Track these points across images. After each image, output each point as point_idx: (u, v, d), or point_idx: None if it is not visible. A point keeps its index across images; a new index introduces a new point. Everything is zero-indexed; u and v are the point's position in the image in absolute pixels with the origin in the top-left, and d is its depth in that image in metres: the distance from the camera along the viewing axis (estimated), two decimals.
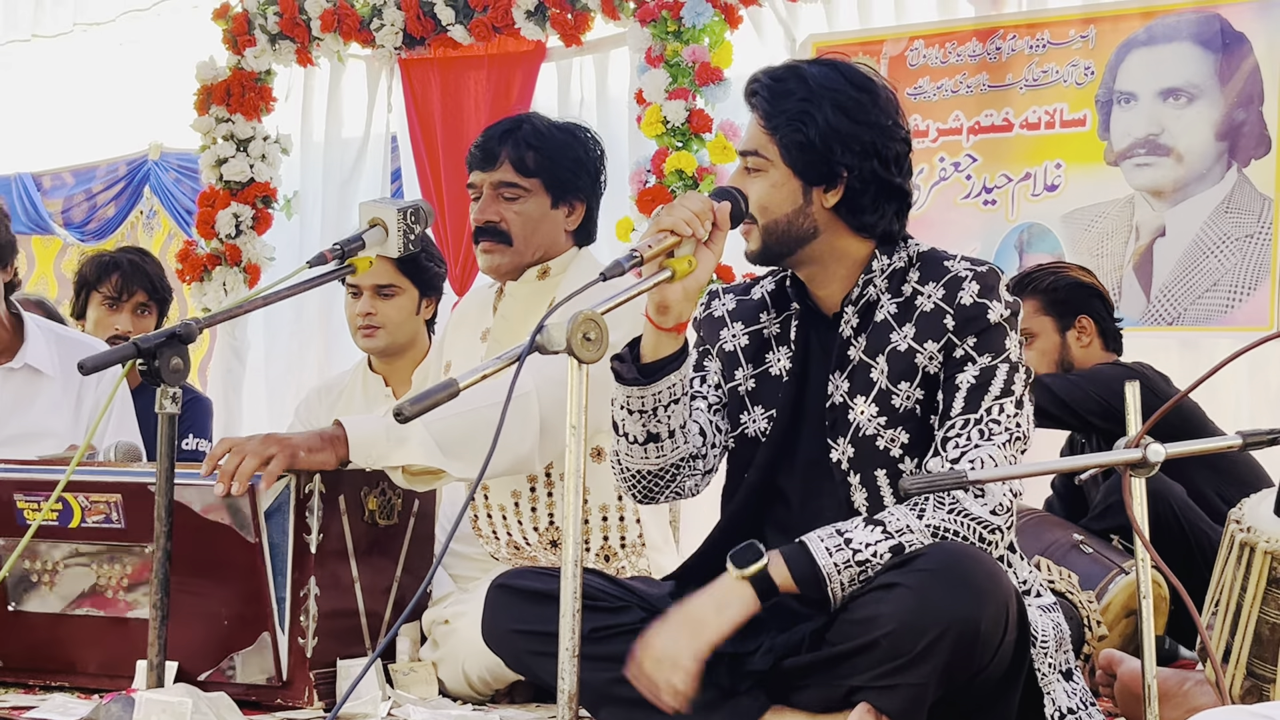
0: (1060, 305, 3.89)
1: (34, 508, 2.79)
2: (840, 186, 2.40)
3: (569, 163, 3.15)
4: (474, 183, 3.16)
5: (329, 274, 2.72)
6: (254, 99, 6.57)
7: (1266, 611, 2.39)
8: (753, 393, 2.49)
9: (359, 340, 3.76)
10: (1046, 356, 3.87)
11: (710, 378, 2.54)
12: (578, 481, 2.01)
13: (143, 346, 2.38)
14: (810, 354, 2.46)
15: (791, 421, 2.45)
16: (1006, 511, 2.29)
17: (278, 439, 2.69)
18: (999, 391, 2.33)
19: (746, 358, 2.51)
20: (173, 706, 2.37)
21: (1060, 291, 3.90)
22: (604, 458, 3.06)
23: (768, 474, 2.46)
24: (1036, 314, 3.88)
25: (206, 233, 6.56)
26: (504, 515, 3.07)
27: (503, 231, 3.10)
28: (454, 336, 3.35)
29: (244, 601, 2.67)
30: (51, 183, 8.33)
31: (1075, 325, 3.89)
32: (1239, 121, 5.02)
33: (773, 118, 2.40)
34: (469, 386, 2.04)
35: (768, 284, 2.56)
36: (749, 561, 2.24)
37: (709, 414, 2.52)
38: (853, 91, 2.40)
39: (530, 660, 2.54)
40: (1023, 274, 4.04)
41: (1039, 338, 3.87)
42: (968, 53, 5.50)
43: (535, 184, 3.12)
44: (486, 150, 3.14)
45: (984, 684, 2.23)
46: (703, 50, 5.63)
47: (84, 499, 2.78)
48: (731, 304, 2.57)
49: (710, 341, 2.56)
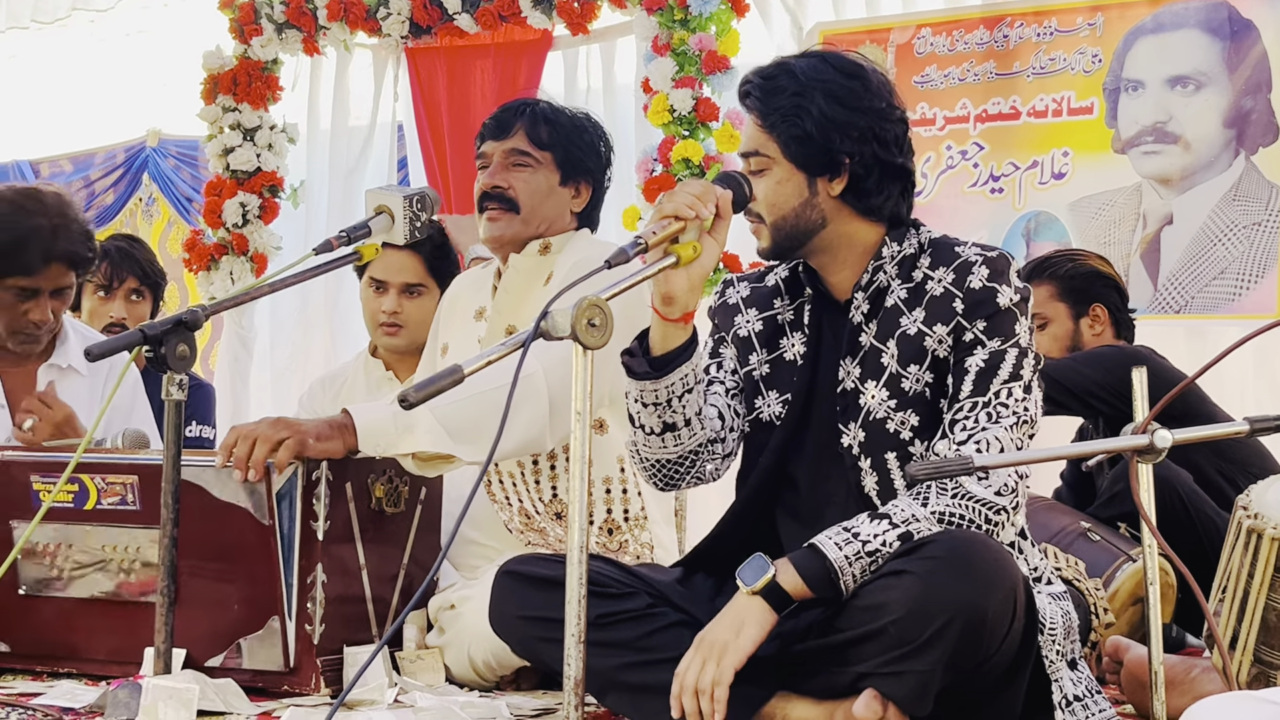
0: (1076, 293, 3.90)
1: (50, 489, 2.80)
2: (844, 174, 2.41)
3: (582, 143, 3.19)
4: (485, 152, 3.17)
5: (335, 261, 2.72)
6: (260, 88, 6.57)
7: (1274, 598, 2.39)
8: (767, 377, 2.50)
9: (379, 336, 3.72)
10: (1059, 342, 3.88)
11: (726, 363, 2.56)
12: (583, 467, 2.01)
13: (149, 333, 2.38)
14: (823, 340, 2.48)
15: (804, 406, 2.46)
16: (1011, 492, 2.29)
17: (287, 423, 2.70)
18: (1008, 375, 2.34)
19: (761, 343, 2.52)
20: (180, 693, 2.37)
21: (1077, 279, 3.91)
22: (606, 430, 3.07)
23: (780, 457, 2.47)
24: (1051, 299, 3.88)
25: (213, 222, 6.56)
26: (514, 482, 3.08)
27: (510, 199, 3.12)
28: (448, 319, 3.35)
29: (255, 585, 2.68)
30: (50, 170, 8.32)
31: (1089, 313, 3.89)
32: (1247, 109, 5.01)
33: (768, 115, 2.41)
34: (474, 373, 2.04)
35: (781, 271, 2.57)
36: (757, 575, 2.24)
37: (726, 398, 2.53)
38: (842, 79, 2.41)
39: (537, 646, 2.54)
40: (1041, 259, 4.04)
41: (1052, 323, 3.87)
42: (975, 41, 5.49)
43: (547, 158, 3.14)
44: (501, 121, 3.17)
45: (991, 671, 2.22)
46: (709, 38, 5.63)
47: (100, 480, 2.79)
48: (745, 291, 2.58)
49: (725, 329, 2.57)
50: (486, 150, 3.17)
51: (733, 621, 2.24)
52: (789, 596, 2.24)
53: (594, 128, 3.24)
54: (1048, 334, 3.87)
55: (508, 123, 3.16)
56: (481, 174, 3.17)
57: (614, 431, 3.08)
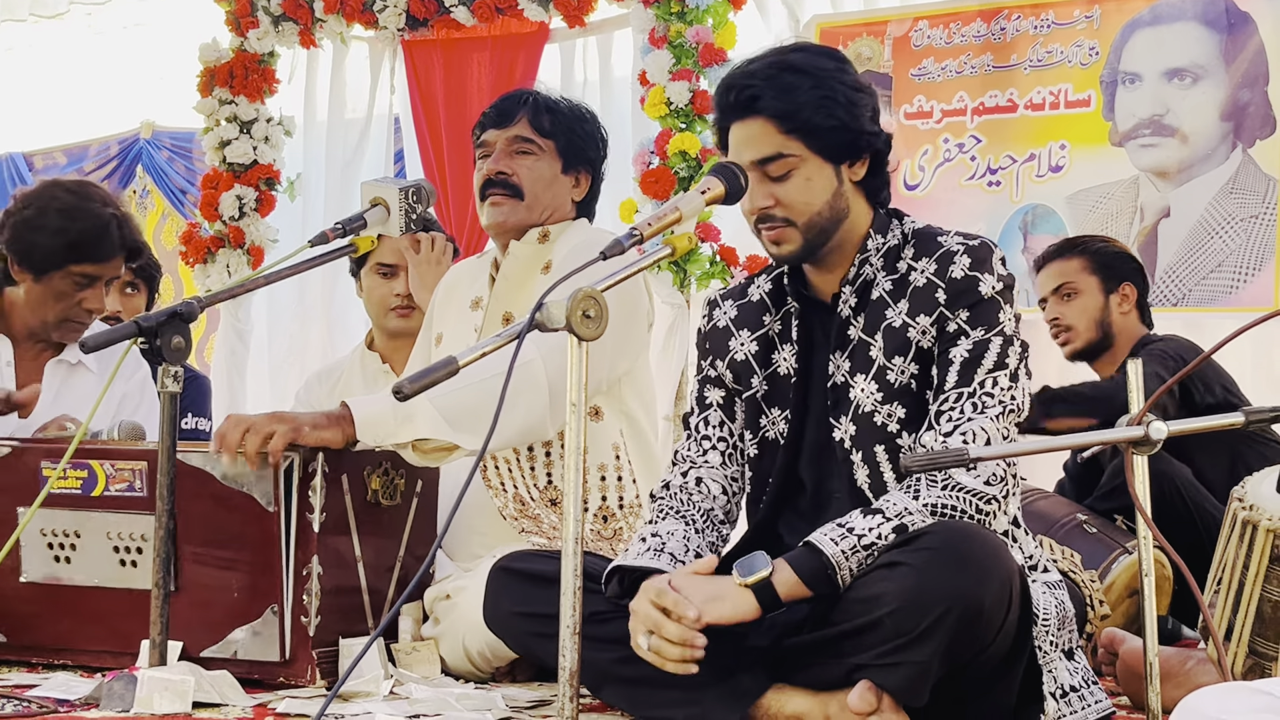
0: (1107, 268, 3.92)
1: (61, 476, 2.80)
2: (865, 157, 2.43)
3: (583, 133, 3.22)
4: (486, 140, 3.18)
5: (331, 253, 2.72)
6: (257, 81, 6.57)
7: (1269, 590, 2.39)
8: (767, 395, 2.50)
9: (390, 320, 3.79)
10: (1088, 315, 3.88)
11: (713, 417, 2.56)
12: (578, 459, 2.01)
13: (144, 325, 2.38)
14: (814, 343, 2.47)
15: (803, 414, 2.46)
16: (1001, 482, 2.29)
17: (282, 415, 2.70)
18: (992, 365, 2.33)
19: (758, 363, 2.51)
20: (175, 684, 2.37)
21: (1109, 256, 3.94)
22: (602, 417, 3.07)
23: (789, 472, 2.48)
24: (1083, 272, 3.90)
25: (210, 215, 6.56)
26: (509, 468, 3.08)
27: (514, 185, 3.13)
28: (443, 309, 3.35)
29: (256, 572, 2.67)
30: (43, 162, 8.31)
31: (1119, 290, 3.90)
32: (1244, 102, 5.01)
33: (793, 114, 2.37)
34: (469, 364, 2.04)
35: (764, 284, 2.57)
36: (753, 572, 2.23)
37: (723, 468, 2.54)
38: (841, 65, 2.44)
39: (532, 642, 2.55)
40: (1071, 238, 4.09)
41: (1083, 295, 3.88)
42: (972, 33, 5.49)
43: (550, 146, 3.17)
44: (503, 110, 3.19)
45: (987, 661, 2.22)
46: (706, 31, 5.62)
47: (109, 466, 2.79)
48: (733, 311, 2.58)
49: (719, 354, 2.56)
50: (488, 139, 3.18)
51: (713, 591, 2.23)
52: (779, 599, 2.23)
53: (593, 118, 3.27)
54: (1077, 305, 3.87)
55: (510, 111, 3.17)
56: (482, 163, 3.17)
57: (609, 419, 3.09)
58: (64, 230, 3.32)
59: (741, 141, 2.40)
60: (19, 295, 3.42)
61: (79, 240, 3.33)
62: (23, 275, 3.40)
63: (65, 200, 3.37)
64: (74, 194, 3.39)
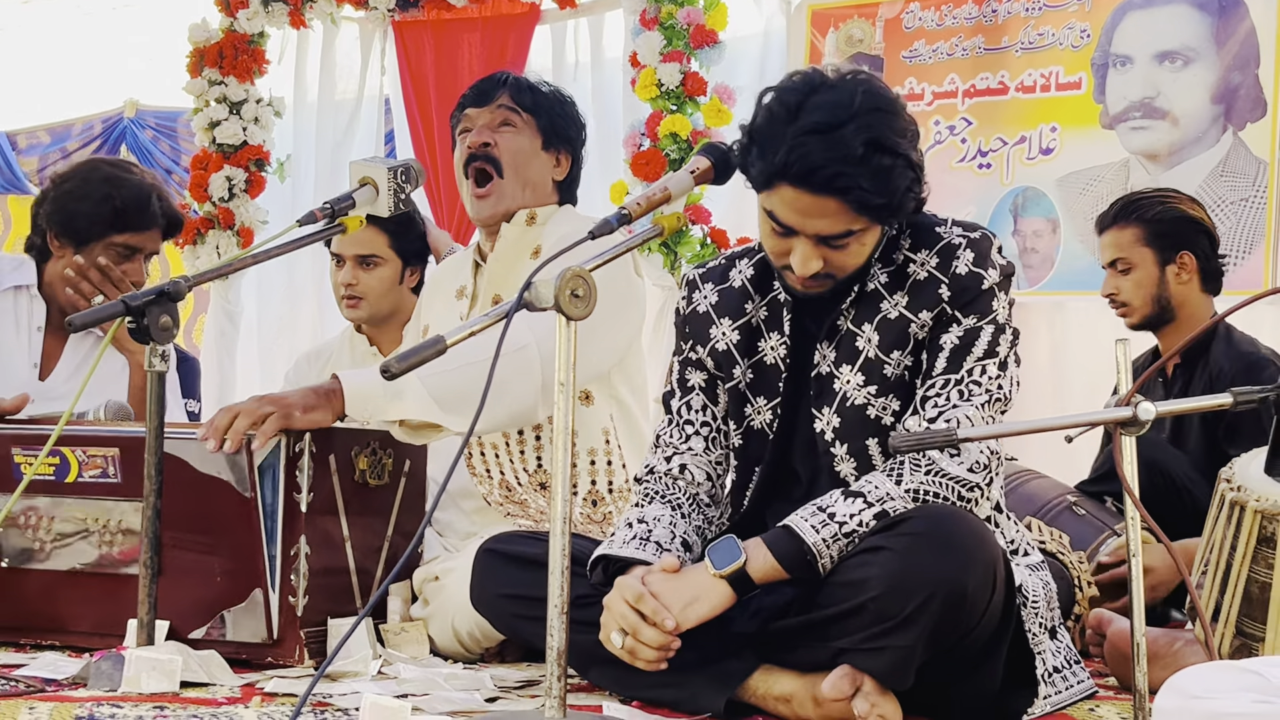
0: (1163, 238, 3.74)
1: (30, 462, 2.79)
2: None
3: (563, 113, 3.23)
4: (467, 116, 3.19)
5: (319, 233, 2.70)
6: (247, 61, 6.54)
7: (1256, 570, 2.39)
8: (752, 384, 2.46)
9: (342, 309, 3.82)
10: (1143, 290, 3.74)
11: (695, 400, 2.52)
12: (566, 439, 2.01)
13: (131, 304, 2.36)
14: (804, 330, 2.42)
15: (793, 405, 2.43)
16: (985, 469, 2.28)
17: (273, 399, 2.68)
18: (982, 353, 2.31)
19: (741, 352, 2.46)
20: (163, 664, 2.36)
21: (1165, 224, 3.75)
22: (592, 401, 3.07)
23: (779, 465, 2.45)
24: (1137, 244, 3.75)
25: (199, 196, 6.54)
26: (496, 454, 3.08)
27: (494, 158, 3.13)
28: (430, 300, 3.37)
29: (238, 557, 2.67)
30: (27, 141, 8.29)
31: (1176, 261, 3.73)
32: (1235, 85, 5.01)
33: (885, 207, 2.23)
34: (456, 344, 2.03)
35: (745, 269, 2.49)
36: (726, 560, 2.23)
37: (706, 454, 2.51)
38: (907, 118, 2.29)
39: (518, 624, 2.55)
40: (1130, 198, 3.87)
41: (1137, 269, 3.74)
42: (964, 15, 5.48)
43: (530, 120, 3.18)
44: (483, 90, 3.21)
45: (971, 645, 2.22)
46: (697, 13, 5.61)
47: (81, 453, 2.77)
48: (714, 296, 2.51)
49: (700, 340, 2.51)
50: (469, 114, 3.19)
51: (689, 594, 2.23)
52: (753, 584, 2.23)
53: (572, 102, 3.29)
54: (1131, 280, 3.73)
55: (490, 90, 3.19)
56: (463, 138, 3.18)
57: (599, 403, 3.08)
58: (109, 198, 3.42)
59: (804, 210, 2.23)
60: (58, 271, 3.46)
61: (123, 208, 3.43)
62: (63, 249, 3.46)
63: (108, 171, 3.50)
64: (116, 166, 3.55)
